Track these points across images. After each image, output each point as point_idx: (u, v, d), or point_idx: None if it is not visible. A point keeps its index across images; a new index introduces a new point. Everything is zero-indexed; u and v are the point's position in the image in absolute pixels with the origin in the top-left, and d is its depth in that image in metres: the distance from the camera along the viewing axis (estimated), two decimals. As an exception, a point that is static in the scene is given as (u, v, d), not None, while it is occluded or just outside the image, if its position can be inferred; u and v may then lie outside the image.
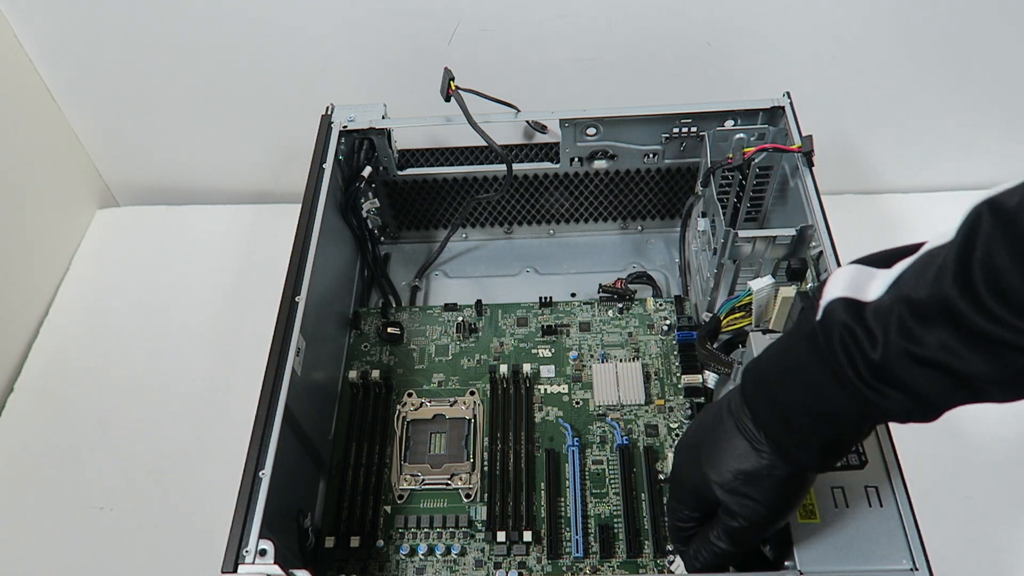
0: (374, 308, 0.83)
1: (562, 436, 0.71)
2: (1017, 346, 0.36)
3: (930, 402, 0.41)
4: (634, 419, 0.72)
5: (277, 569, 0.50)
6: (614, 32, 0.88)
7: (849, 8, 0.84)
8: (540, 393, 0.74)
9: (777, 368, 0.46)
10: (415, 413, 0.73)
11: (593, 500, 0.67)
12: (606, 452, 0.70)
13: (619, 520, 0.66)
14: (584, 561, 0.64)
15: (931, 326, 0.38)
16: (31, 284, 0.95)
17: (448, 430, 0.72)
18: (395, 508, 0.68)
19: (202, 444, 0.81)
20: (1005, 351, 0.37)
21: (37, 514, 0.78)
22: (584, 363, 0.76)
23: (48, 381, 0.89)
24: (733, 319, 0.64)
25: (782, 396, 0.45)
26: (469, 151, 0.84)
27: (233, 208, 1.05)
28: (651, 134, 0.79)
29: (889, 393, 0.41)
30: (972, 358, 0.38)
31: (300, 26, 0.89)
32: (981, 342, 0.37)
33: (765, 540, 0.56)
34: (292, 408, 0.59)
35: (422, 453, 0.71)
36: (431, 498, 0.68)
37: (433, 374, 0.76)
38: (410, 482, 0.69)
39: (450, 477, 0.69)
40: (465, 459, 0.70)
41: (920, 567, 0.49)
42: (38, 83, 0.95)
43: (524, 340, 0.78)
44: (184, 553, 0.74)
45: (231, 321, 0.92)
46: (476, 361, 0.77)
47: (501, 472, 0.69)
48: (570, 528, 0.65)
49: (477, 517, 0.67)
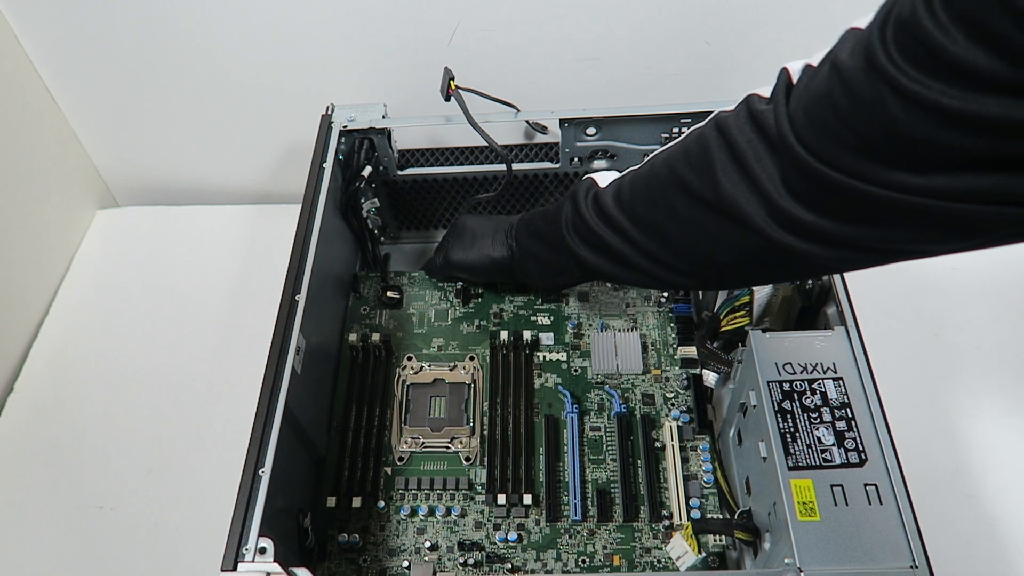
0: (373, 273, 0.84)
1: (560, 403, 0.72)
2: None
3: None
4: (631, 388, 0.73)
5: (277, 567, 0.50)
6: (614, 32, 0.88)
7: (849, 8, 0.84)
8: (539, 360, 0.75)
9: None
10: (415, 377, 0.74)
11: (591, 466, 0.69)
12: (603, 419, 0.72)
13: (616, 485, 0.68)
14: (581, 524, 0.66)
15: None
16: (31, 284, 0.95)
17: (448, 394, 0.73)
18: (395, 470, 0.69)
19: (202, 443, 0.81)
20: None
21: (37, 514, 0.78)
22: (583, 332, 0.77)
23: (48, 381, 0.89)
24: (733, 318, 0.65)
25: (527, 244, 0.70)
26: (469, 151, 0.84)
27: (233, 208, 1.05)
28: (651, 134, 0.79)
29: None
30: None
31: (300, 26, 0.89)
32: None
33: (762, 532, 0.56)
34: (292, 407, 0.59)
35: (422, 416, 0.72)
36: (431, 461, 0.70)
37: (433, 339, 0.78)
38: (410, 445, 0.70)
39: (450, 440, 0.70)
40: (465, 423, 0.71)
41: (920, 565, 0.49)
42: (38, 83, 0.95)
43: (523, 307, 0.80)
44: (184, 552, 0.74)
45: (231, 321, 0.92)
46: (475, 327, 0.78)
47: (501, 436, 0.70)
48: (568, 492, 0.67)
49: (477, 480, 0.68)
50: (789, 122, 0.42)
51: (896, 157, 0.36)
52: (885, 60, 0.34)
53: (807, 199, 0.42)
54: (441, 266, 0.78)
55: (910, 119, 0.34)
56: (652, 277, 0.56)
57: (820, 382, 0.57)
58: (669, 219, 0.51)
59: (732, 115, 0.47)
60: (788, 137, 0.41)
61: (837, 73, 0.38)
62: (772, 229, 0.44)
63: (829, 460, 0.54)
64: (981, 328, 0.88)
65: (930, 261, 0.44)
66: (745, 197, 0.45)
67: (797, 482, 0.53)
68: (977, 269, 0.92)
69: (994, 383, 0.84)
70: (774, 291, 0.66)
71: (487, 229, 0.75)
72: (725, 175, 0.46)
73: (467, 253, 0.75)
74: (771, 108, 0.44)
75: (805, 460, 0.54)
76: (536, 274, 0.71)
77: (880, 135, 0.36)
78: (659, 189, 0.52)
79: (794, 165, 0.42)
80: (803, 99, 0.41)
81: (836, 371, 0.58)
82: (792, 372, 0.58)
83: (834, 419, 0.55)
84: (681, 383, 0.73)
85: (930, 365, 0.85)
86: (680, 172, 0.50)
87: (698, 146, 0.49)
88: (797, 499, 0.52)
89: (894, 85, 0.34)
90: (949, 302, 0.90)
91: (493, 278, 0.79)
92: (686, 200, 0.50)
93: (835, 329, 0.61)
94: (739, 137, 0.45)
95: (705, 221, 0.49)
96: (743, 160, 0.45)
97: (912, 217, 0.37)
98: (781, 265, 0.48)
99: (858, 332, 0.60)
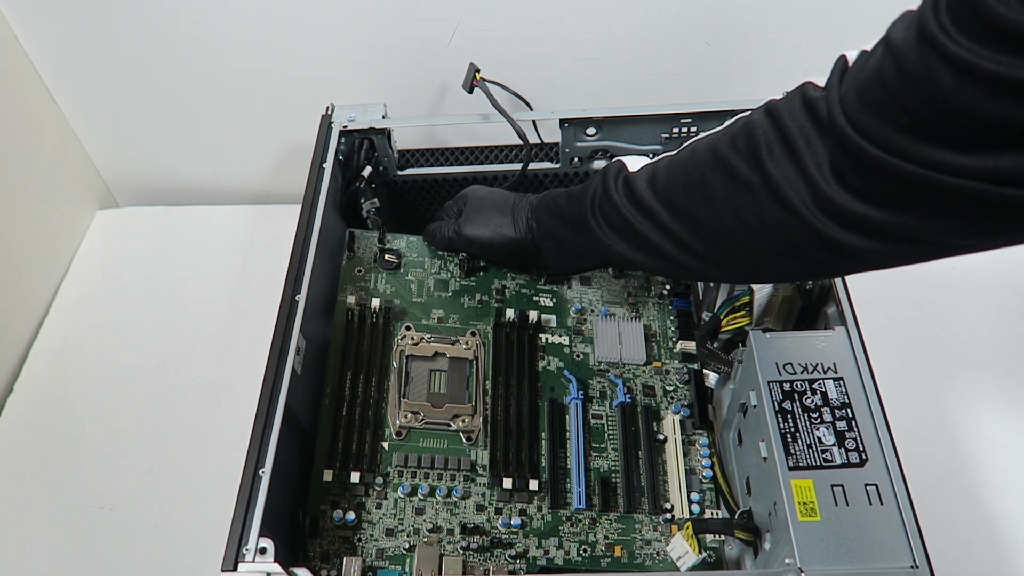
0: (370, 232, 0.78)
1: (562, 387, 0.70)
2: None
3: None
4: (632, 378, 0.72)
5: (277, 567, 0.50)
6: (614, 32, 0.88)
7: (849, 8, 0.84)
8: (542, 342, 0.73)
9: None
10: (414, 348, 0.70)
11: (593, 454, 0.68)
12: (605, 407, 0.70)
13: (617, 475, 0.67)
14: (583, 513, 0.64)
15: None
16: (31, 284, 0.95)
17: (448, 369, 0.70)
18: (392, 444, 0.65)
19: (202, 443, 0.81)
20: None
21: (37, 514, 0.78)
22: (586, 317, 0.76)
23: (48, 381, 0.89)
24: (733, 318, 0.65)
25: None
26: (469, 151, 0.84)
27: (233, 208, 1.05)
28: (651, 134, 0.79)
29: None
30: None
31: (300, 26, 0.89)
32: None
33: (763, 532, 0.56)
34: (292, 406, 0.59)
35: (421, 391, 0.68)
36: (430, 437, 0.66)
37: (432, 309, 0.74)
38: (409, 419, 0.66)
39: (451, 418, 0.67)
40: (466, 401, 0.68)
41: (920, 565, 0.49)
42: (38, 83, 0.95)
43: (526, 287, 0.77)
44: (184, 552, 0.74)
45: (231, 321, 0.92)
46: (476, 301, 0.75)
47: (504, 418, 0.67)
48: (570, 479, 0.66)
49: (479, 461, 0.66)
50: (840, 103, 0.42)
51: (944, 134, 0.36)
52: (936, 29, 0.35)
53: (853, 185, 0.42)
54: (451, 238, 0.74)
55: (959, 88, 0.34)
56: (678, 266, 0.55)
57: (820, 382, 0.57)
58: (706, 205, 0.51)
59: (784, 101, 0.47)
60: (838, 118, 0.41)
61: (888, 49, 0.39)
62: (814, 216, 0.44)
63: (830, 460, 0.54)
64: (981, 328, 0.88)
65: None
66: (790, 181, 0.45)
67: (798, 482, 0.53)
68: (977, 269, 0.92)
69: (994, 383, 0.84)
70: (774, 291, 0.66)
71: (502, 204, 0.72)
72: (772, 158, 0.46)
73: (481, 228, 0.72)
74: (824, 94, 0.44)
75: (806, 460, 0.54)
76: (553, 256, 0.69)
77: (928, 109, 0.36)
78: (698, 174, 0.51)
79: (841, 146, 0.42)
80: (855, 80, 0.42)
81: (836, 371, 0.58)
82: (792, 372, 0.58)
83: (834, 419, 0.55)
84: (682, 377, 0.73)
85: (930, 365, 0.85)
86: (724, 155, 0.49)
87: (745, 130, 0.48)
88: (798, 499, 0.52)
89: (944, 54, 0.34)
90: (949, 301, 0.90)
91: (504, 257, 0.75)
92: (727, 185, 0.49)
93: (835, 329, 0.61)
94: (790, 121, 0.45)
95: (745, 207, 0.48)
96: (792, 143, 0.45)
97: (957, 203, 0.37)
98: (815, 258, 0.47)
99: (858, 332, 0.60)
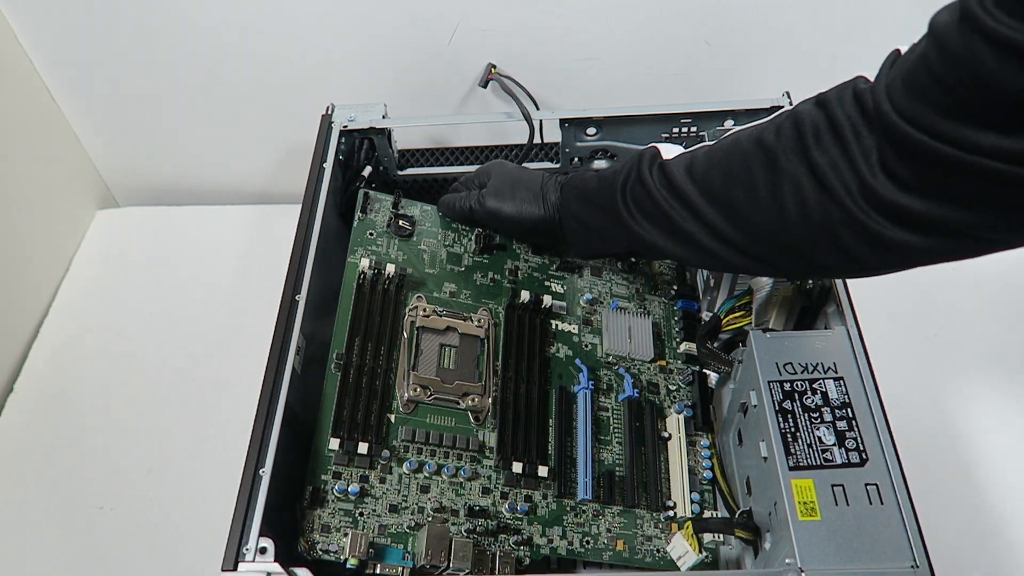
0: (384, 195, 0.76)
1: (571, 375, 0.70)
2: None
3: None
4: (638, 374, 0.72)
5: (277, 567, 0.50)
6: (614, 32, 0.88)
7: (849, 7, 0.84)
8: (552, 328, 0.72)
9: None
10: (425, 320, 0.68)
11: (598, 446, 0.67)
12: (611, 400, 0.70)
13: (621, 469, 0.67)
14: (588, 504, 0.64)
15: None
16: (31, 284, 0.95)
17: (459, 345, 0.68)
18: (399, 418, 0.64)
19: (202, 443, 0.81)
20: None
21: (37, 514, 0.78)
22: (596, 308, 0.75)
23: (48, 381, 0.89)
24: (733, 318, 0.65)
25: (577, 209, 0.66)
26: (470, 151, 0.84)
27: (233, 208, 1.05)
28: (651, 134, 0.79)
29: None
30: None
31: (300, 26, 0.89)
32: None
33: (763, 532, 0.56)
34: (292, 406, 0.59)
35: (431, 365, 0.66)
36: (438, 414, 0.65)
37: (444, 283, 0.72)
38: (418, 393, 0.64)
39: (461, 396, 0.65)
40: (477, 379, 0.67)
41: (921, 564, 0.49)
42: (38, 83, 0.95)
43: (538, 270, 0.76)
44: (184, 552, 0.74)
45: (231, 321, 0.92)
46: (489, 280, 0.73)
47: (514, 401, 0.66)
48: (576, 469, 0.65)
49: (487, 443, 0.65)
50: (886, 91, 0.42)
51: (986, 115, 0.37)
52: (978, 8, 0.35)
53: (898, 175, 0.42)
54: (472, 209, 0.71)
55: (1001, 67, 0.34)
56: (708, 254, 0.55)
57: (821, 382, 0.57)
58: (747, 195, 0.50)
59: (835, 92, 0.47)
60: (884, 105, 0.42)
61: (932, 34, 0.39)
62: (858, 207, 0.44)
63: (830, 460, 0.54)
64: (981, 328, 0.88)
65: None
66: (836, 169, 0.45)
67: (798, 482, 0.53)
68: (977, 269, 0.91)
69: (994, 383, 0.84)
70: (774, 290, 0.66)
71: (530, 180, 0.70)
72: (819, 146, 0.46)
73: (506, 203, 0.70)
74: (872, 85, 0.44)
75: (806, 460, 0.54)
76: (578, 238, 0.68)
77: (971, 90, 0.36)
78: (740, 161, 0.51)
79: (887, 134, 0.42)
80: (902, 68, 0.42)
81: (837, 371, 0.58)
82: (793, 372, 0.58)
83: (835, 419, 0.55)
84: (686, 378, 0.73)
85: (930, 365, 0.85)
86: (769, 144, 0.49)
87: (792, 119, 0.49)
88: (798, 499, 0.52)
89: (986, 33, 0.35)
90: (949, 302, 0.90)
91: (525, 235, 0.73)
92: (770, 173, 0.49)
93: (835, 329, 0.61)
94: (839, 111, 0.46)
95: (788, 197, 0.48)
96: (840, 132, 0.45)
97: (999, 189, 0.38)
98: (855, 251, 0.47)
99: (858, 332, 0.60)
